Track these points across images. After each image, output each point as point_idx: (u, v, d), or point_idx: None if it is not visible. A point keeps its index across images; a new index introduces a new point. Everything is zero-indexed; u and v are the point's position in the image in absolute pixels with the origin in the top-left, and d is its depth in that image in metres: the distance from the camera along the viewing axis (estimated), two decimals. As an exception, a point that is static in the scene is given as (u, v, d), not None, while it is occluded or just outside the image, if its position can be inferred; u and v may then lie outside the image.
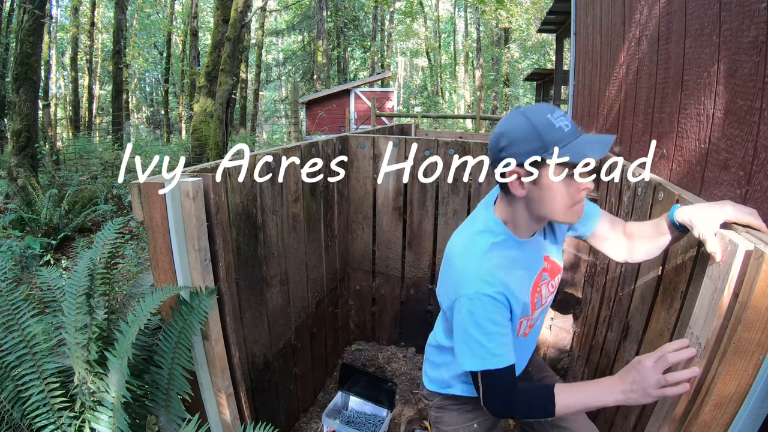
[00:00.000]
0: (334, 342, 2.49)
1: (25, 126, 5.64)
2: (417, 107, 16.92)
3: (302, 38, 22.88)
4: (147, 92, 23.63)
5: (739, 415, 0.75)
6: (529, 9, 15.54)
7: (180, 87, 18.14)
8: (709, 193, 1.07)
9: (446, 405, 1.29)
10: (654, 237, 1.03)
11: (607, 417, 1.59)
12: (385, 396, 2.01)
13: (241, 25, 6.76)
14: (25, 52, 5.66)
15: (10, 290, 1.12)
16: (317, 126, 13.00)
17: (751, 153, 0.91)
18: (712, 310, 0.77)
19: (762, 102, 0.87)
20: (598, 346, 1.79)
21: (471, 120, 13.94)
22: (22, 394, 1.04)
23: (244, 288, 1.55)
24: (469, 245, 1.01)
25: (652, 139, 1.43)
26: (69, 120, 14.44)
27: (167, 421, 1.09)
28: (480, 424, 1.27)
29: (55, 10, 15.93)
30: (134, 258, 3.87)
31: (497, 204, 1.04)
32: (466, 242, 1.02)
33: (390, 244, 2.47)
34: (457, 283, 0.99)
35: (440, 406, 1.29)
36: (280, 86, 26.32)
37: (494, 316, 0.95)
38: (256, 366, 1.68)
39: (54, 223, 4.60)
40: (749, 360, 0.71)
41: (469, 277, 0.96)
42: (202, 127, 6.46)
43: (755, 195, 0.90)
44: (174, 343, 1.10)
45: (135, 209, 1.12)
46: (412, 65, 28.97)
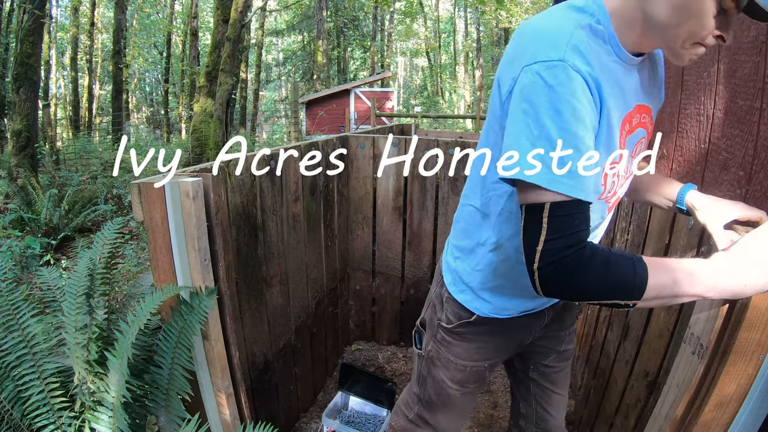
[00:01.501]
0: (334, 342, 2.49)
1: (25, 126, 5.64)
2: (417, 107, 16.90)
3: (302, 38, 22.89)
4: (147, 92, 23.63)
5: (739, 415, 0.75)
6: (529, 9, 15.53)
7: (180, 87, 18.14)
8: (709, 193, 1.07)
9: (465, 332, 1.02)
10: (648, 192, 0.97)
11: (607, 417, 1.59)
12: (385, 396, 2.01)
13: (241, 25, 6.76)
14: (25, 52, 5.66)
15: (10, 290, 1.12)
16: (317, 126, 13.00)
17: (751, 153, 0.91)
18: (713, 311, 0.77)
19: (762, 102, 0.87)
20: (598, 346, 1.79)
21: (471, 120, 13.93)
22: (22, 394, 1.04)
23: (244, 288, 1.55)
24: (555, 13, 0.73)
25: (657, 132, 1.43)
26: (69, 120, 14.44)
27: (167, 421, 1.09)
28: (489, 366, 1.08)
29: (55, 10, 15.94)
30: (134, 258, 3.87)
31: None
32: (550, 12, 0.75)
33: (390, 244, 2.47)
34: (528, 49, 0.68)
35: (457, 332, 1.03)
36: (280, 86, 26.32)
37: (580, 105, 0.65)
38: (256, 366, 1.68)
39: (54, 223, 4.60)
40: (749, 360, 0.71)
41: (552, 39, 0.67)
42: (202, 127, 6.46)
43: (755, 195, 0.90)
44: (174, 343, 1.10)
45: (135, 209, 1.12)
46: (412, 65, 28.97)
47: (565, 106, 0.64)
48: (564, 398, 1.21)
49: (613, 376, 1.59)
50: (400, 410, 1.26)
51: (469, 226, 0.97)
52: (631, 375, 1.44)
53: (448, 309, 1.04)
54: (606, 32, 0.71)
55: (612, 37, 0.72)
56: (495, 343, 1.05)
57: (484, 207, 0.91)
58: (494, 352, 1.06)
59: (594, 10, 0.72)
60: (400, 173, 2.33)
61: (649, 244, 1.41)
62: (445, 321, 1.04)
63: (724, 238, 0.77)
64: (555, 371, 1.17)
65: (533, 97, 0.65)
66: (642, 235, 1.45)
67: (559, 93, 0.64)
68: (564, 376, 1.19)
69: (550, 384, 1.17)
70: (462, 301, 1.00)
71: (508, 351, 1.11)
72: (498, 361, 1.11)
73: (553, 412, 1.19)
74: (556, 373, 1.17)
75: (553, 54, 0.65)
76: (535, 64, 0.66)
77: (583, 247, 0.66)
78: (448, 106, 22.46)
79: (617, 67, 0.73)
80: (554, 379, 1.17)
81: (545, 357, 1.15)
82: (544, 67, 0.65)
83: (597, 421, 1.70)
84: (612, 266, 0.66)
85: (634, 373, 1.42)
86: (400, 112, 14.26)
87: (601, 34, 0.71)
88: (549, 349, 1.15)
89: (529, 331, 1.07)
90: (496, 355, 1.08)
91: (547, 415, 1.19)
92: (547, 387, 1.18)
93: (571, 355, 1.20)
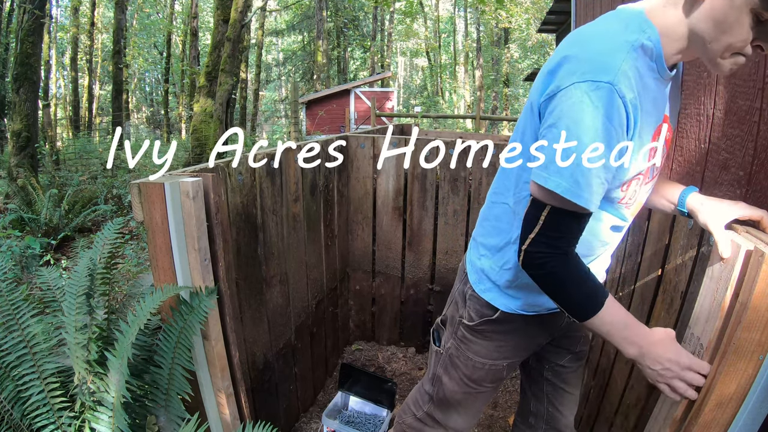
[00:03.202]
0: (334, 342, 2.49)
1: (25, 126, 5.64)
2: (417, 107, 16.91)
3: (302, 38, 22.89)
4: (147, 92, 23.63)
5: (739, 415, 0.75)
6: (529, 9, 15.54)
7: (180, 87, 18.14)
8: (709, 193, 1.07)
9: (487, 330, 1.04)
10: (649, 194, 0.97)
11: (607, 417, 1.59)
12: (385, 396, 2.01)
13: (241, 25, 6.76)
14: (25, 52, 5.66)
15: (10, 290, 1.12)
16: (317, 126, 13.00)
17: (751, 153, 0.91)
18: (713, 311, 0.77)
19: (762, 102, 0.87)
20: (598, 346, 1.79)
21: (471, 120, 13.94)
22: (22, 394, 1.04)
23: (244, 288, 1.55)
24: (612, 27, 0.76)
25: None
26: (69, 120, 14.44)
27: (167, 421, 1.09)
28: (507, 366, 1.08)
29: (55, 10, 15.93)
30: (134, 258, 3.87)
31: (652, 7, 0.76)
32: (607, 25, 0.78)
33: (390, 244, 2.47)
34: (582, 64, 0.72)
35: (479, 330, 1.04)
36: (280, 86, 26.32)
37: (615, 131, 0.71)
38: (256, 366, 1.68)
39: (54, 223, 4.60)
40: (749, 360, 0.71)
41: (605, 61, 0.71)
42: (202, 127, 6.46)
43: (755, 195, 0.90)
44: (174, 343, 1.10)
45: (135, 209, 1.12)
46: (412, 65, 28.96)
47: (603, 126, 0.71)
48: (575, 398, 1.22)
49: (613, 376, 1.59)
50: (408, 408, 1.27)
51: (501, 223, 0.98)
52: (631, 375, 1.44)
53: (471, 306, 1.05)
54: (655, 50, 0.75)
55: (659, 54, 0.76)
56: (515, 342, 1.06)
57: (516, 205, 0.93)
58: (514, 351, 1.07)
59: (646, 26, 0.75)
60: (399, 173, 2.33)
61: (649, 244, 1.41)
62: (467, 318, 1.05)
63: (724, 238, 0.77)
64: (569, 371, 1.18)
65: (575, 112, 0.72)
66: (642, 235, 1.45)
67: (599, 111, 0.70)
68: (577, 376, 1.21)
69: (563, 383, 1.19)
70: (488, 299, 1.01)
71: (528, 351, 1.11)
72: (517, 361, 1.11)
73: (564, 411, 1.20)
74: (570, 372, 1.19)
75: (603, 76, 0.70)
76: (585, 84, 0.71)
77: (565, 252, 0.79)
78: (448, 106, 22.47)
79: (655, 83, 0.78)
80: (568, 379, 1.19)
81: (561, 357, 1.17)
82: (594, 87, 0.70)
83: (597, 421, 1.70)
84: (583, 282, 0.80)
85: (634, 373, 1.42)
86: (400, 112, 14.26)
87: (650, 52, 0.75)
88: (564, 350, 1.17)
89: (548, 332, 1.08)
90: (516, 354, 1.09)
91: (558, 414, 1.20)
92: (561, 386, 1.19)
93: (585, 355, 1.21)
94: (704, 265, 0.88)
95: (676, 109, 0.90)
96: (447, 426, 1.17)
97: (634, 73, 0.72)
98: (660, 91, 0.80)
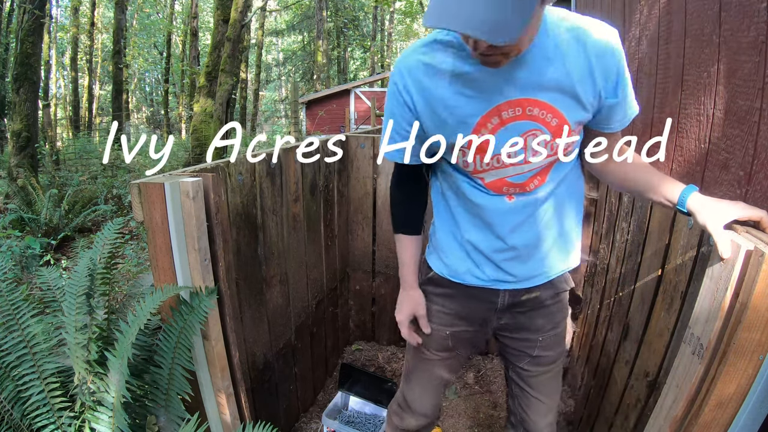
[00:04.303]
0: (334, 342, 2.49)
1: (25, 126, 5.64)
2: (417, 107, 16.84)
3: (302, 38, 22.90)
4: (147, 92, 23.65)
5: (739, 415, 0.75)
6: (529, 9, 15.51)
7: (180, 87, 18.15)
8: (709, 193, 1.07)
9: (428, 291, 1.19)
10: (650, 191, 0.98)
11: (607, 417, 1.59)
12: (385, 396, 2.01)
13: (241, 25, 6.77)
14: (25, 52, 5.66)
15: (10, 290, 1.12)
16: (317, 126, 13.01)
17: (751, 153, 0.91)
18: (713, 311, 0.77)
19: (762, 102, 0.87)
20: (598, 346, 1.79)
21: (471, 120, 13.87)
22: (22, 394, 1.04)
23: (244, 288, 1.55)
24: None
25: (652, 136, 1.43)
26: (69, 120, 14.44)
27: (167, 421, 1.09)
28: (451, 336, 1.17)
29: (55, 10, 15.94)
30: (134, 258, 3.87)
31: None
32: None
33: (390, 244, 2.47)
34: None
35: (424, 290, 1.19)
36: (280, 86, 26.33)
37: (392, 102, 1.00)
38: (256, 366, 1.68)
39: (54, 223, 4.60)
40: (749, 360, 0.71)
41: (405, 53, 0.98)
42: (202, 127, 6.46)
43: (755, 195, 0.90)
44: (174, 343, 1.10)
45: (135, 209, 1.12)
46: (412, 65, 28.88)
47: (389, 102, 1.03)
48: (544, 405, 1.18)
49: (613, 376, 1.59)
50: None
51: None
52: (631, 375, 1.44)
53: (421, 268, 1.22)
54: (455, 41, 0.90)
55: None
56: (454, 309, 1.15)
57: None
58: (453, 318, 1.16)
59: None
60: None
61: (649, 243, 1.41)
62: (419, 279, 1.21)
63: (724, 238, 0.77)
64: (531, 375, 1.17)
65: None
66: (642, 235, 1.45)
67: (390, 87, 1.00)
68: (543, 382, 1.17)
69: (528, 387, 1.18)
70: (427, 259, 1.18)
71: (469, 323, 1.17)
72: (459, 332, 1.17)
73: (532, 415, 1.19)
74: (533, 377, 1.17)
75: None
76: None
77: (395, 184, 1.16)
78: (448, 106, 22.38)
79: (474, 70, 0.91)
80: (532, 384, 1.17)
81: (519, 360, 1.17)
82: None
83: (597, 421, 1.70)
84: (393, 206, 1.17)
85: (634, 373, 1.42)
86: (400, 112, 14.23)
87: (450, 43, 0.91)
88: (521, 353, 1.16)
89: (484, 307, 1.12)
90: (455, 323, 1.16)
91: (526, 417, 1.20)
92: (526, 390, 1.19)
93: (551, 363, 1.16)
94: (704, 265, 0.88)
95: (556, 94, 0.90)
96: (407, 399, 1.25)
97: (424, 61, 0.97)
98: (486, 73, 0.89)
